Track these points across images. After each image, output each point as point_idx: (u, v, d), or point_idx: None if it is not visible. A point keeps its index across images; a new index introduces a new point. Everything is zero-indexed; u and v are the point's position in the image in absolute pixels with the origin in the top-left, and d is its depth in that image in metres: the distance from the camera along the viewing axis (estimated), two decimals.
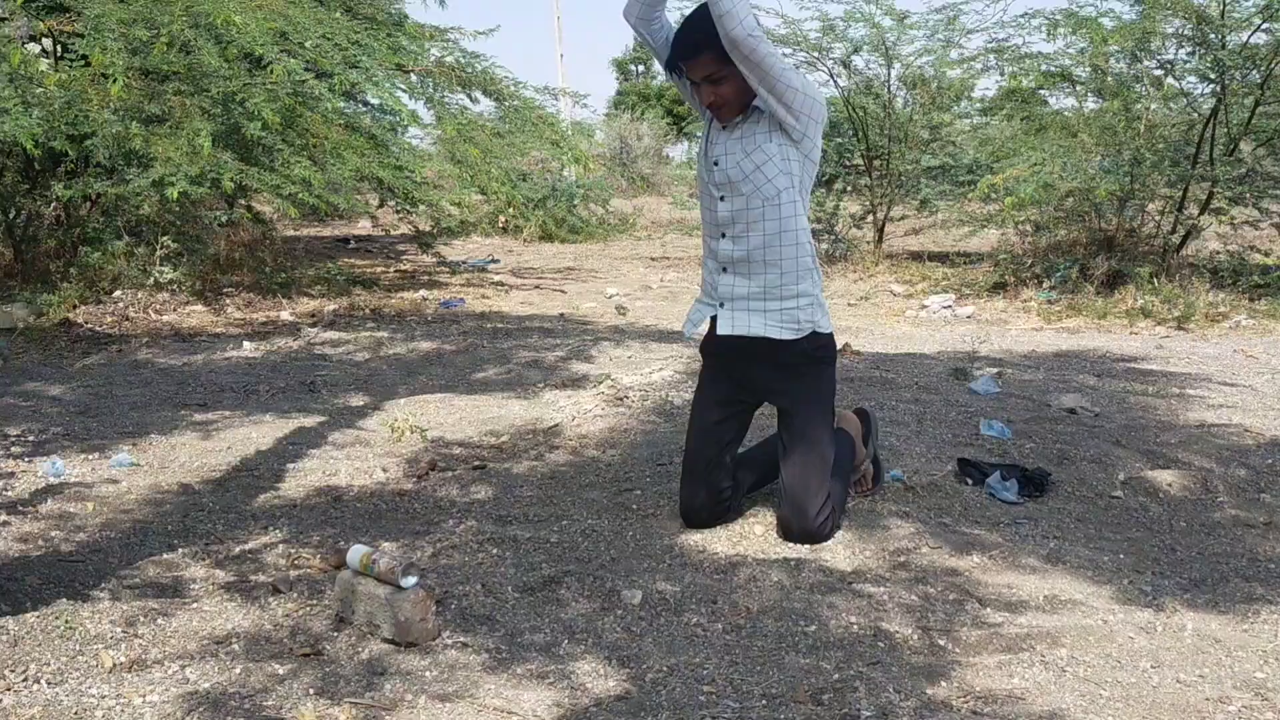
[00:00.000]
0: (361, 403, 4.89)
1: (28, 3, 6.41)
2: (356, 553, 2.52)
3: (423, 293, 8.93)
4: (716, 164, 3.01)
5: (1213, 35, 8.23)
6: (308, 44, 6.48)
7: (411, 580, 2.43)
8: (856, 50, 11.08)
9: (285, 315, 7.51)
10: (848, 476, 3.25)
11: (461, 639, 2.44)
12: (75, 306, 6.98)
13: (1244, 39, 8.20)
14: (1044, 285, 8.53)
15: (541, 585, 2.77)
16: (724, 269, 3.07)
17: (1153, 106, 8.91)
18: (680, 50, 2.93)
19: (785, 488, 3.06)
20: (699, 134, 3.04)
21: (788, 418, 3.10)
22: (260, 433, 4.34)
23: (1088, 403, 4.57)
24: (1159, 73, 8.96)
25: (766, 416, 3.52)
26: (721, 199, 3.02)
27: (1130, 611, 2.62)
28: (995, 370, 5.28)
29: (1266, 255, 8.98)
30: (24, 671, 2.26)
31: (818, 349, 3.07)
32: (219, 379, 5.42)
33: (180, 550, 3.04)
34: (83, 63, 6.49)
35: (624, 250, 13.26)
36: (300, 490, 3.60)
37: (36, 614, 2.55)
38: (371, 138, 7.57)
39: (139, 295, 7.35)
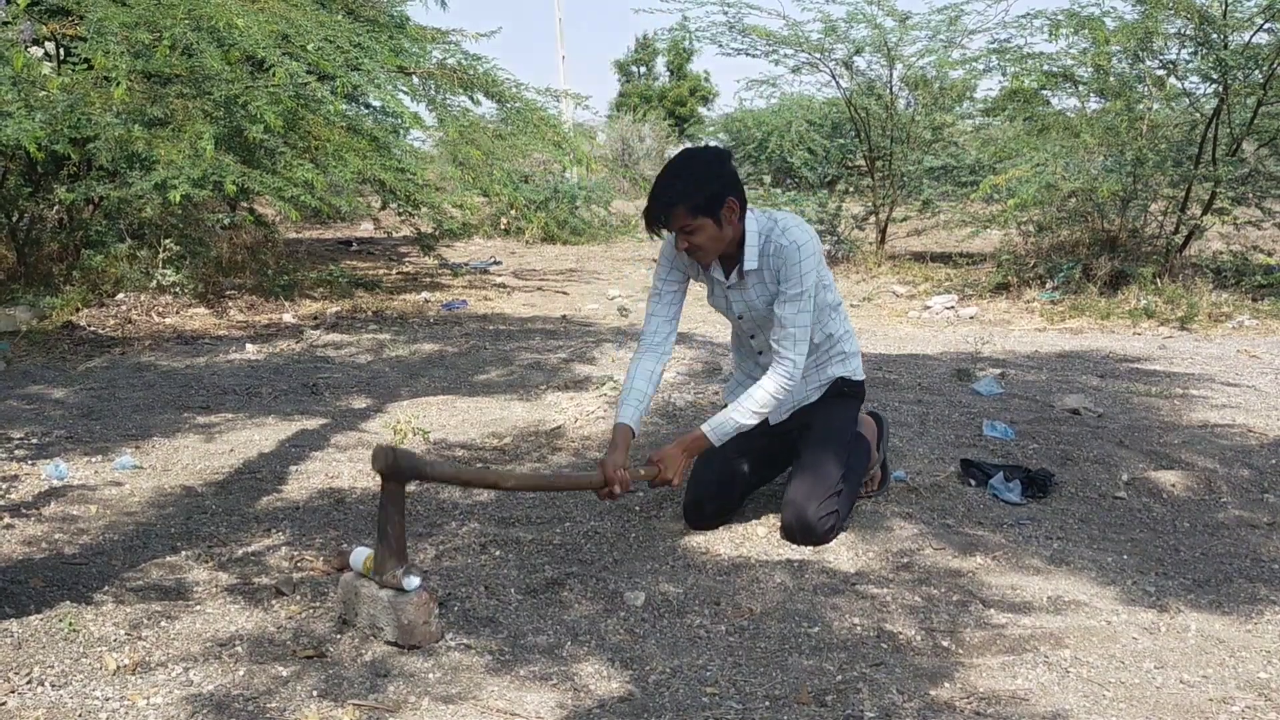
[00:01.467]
0: (364, 405, 4.89)
1: (31, 6, 6.42)
2: (359, 555, 2.52)
3: (425, 295, 8.94)
4: (741, 318, 3.16)
5: (1215, 35, 8.23)
6: (310, 46, 6.49)
7: (414, 582, 2.43)
8: (859, 51, 11.09)
9: (287, 317, 7.52)
10: (859, 481, 3.26)
11: (464, 641, 2.44)
12: (78, 309, 6.98)
13: (1246, 39, 8.19)
14: (1047, 286, 8.53)
15: (544, 587, 2.77)
16: (765, 369, 3.21)
17: (1155, 106, 8.91)
18: (654, 211, 2.93)
19: (793, 489, 3.07)
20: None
21: (808, 430, 3.20)
22: (263, 435, 4.34)
23: (1091, 403, 4.57)
24: (1161, 73, 8.95)
25: None
26: (753, 336, 3.21)
27: (1134, 612, 2.62)
28: (998, 371, 5.28)
29: (1269, 255, 8.98)
30: (28, 674, 2.26)
31: (846, 386, 3.25)
32: (221, 381, 5.42)
33: (183, 553, 3.04)
34: (85, 66, 6.50)
35: (626, 252, 13.26)
36: (303, 492, 3.61)
37: (40, 616, 2.55)
38: (373, 140, 7.57)
39: (141, 298, 7.35)
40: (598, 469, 2.97)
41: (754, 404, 3.01)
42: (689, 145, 3.10)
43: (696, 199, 2.87)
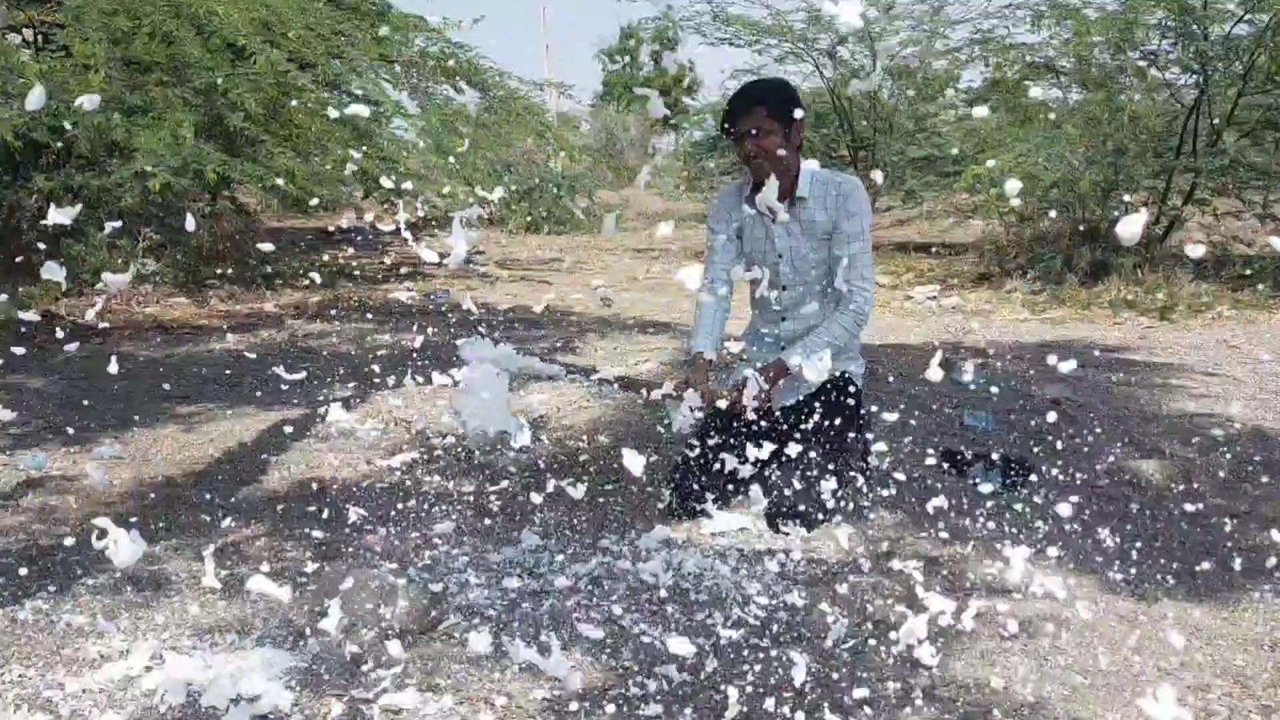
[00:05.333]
0: (346, 395, 4.87)
1: None
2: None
3: (408, 284, 8.91)
4: (781, 257, 3.29)
5: (1195, 26, 8.26)
6: (291, 34, 6.44)
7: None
8: (842, 41, 11.10)
9: (269, 307, 7.48)
10: (845, 472, 3.27)
11: (446, 631, 2.44)
12: (57, 299, 6.93)
13: (1226, 30, 8.23)
14: (1028, 276, 8.55)
15: (527, 576, 2.77)
16: (782, 347, 3.34)
17: (1136, 97, 8.94)
18: (735, 106, 3.19)
19: (781, 475, 3.07)
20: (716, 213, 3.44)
21: (804, 427, 3.21)
22: (244, 425, 4.32)
23: (1071, 393, 4.59)
24: (1142, 64, 8.98)
25: None
26: (784, 288, 3.31)
27: (1112, 601, 2.63)
28: (979, 361, 5.30)
29: (1249, 246, 9.03)
30: (4, 664, 2.25)
31: (846, 388, 3.33)
32: (202, 371, 5.39)
33: (162, 543, 3.02)
34: (64, 53, 6.44)
35: (610, 242, 13.25)
36: (284, 483, 3.59)
37: (17, 606, 2.53)
38: (355, 129, 7.52)
39: (121, 287, 7.30)
40: (683, 383, 3.18)
41: (830, 336, 3.18)
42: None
43: (778, 105, 3.14)
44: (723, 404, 3.17)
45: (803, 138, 3.26)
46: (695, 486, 3.18)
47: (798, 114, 3.16)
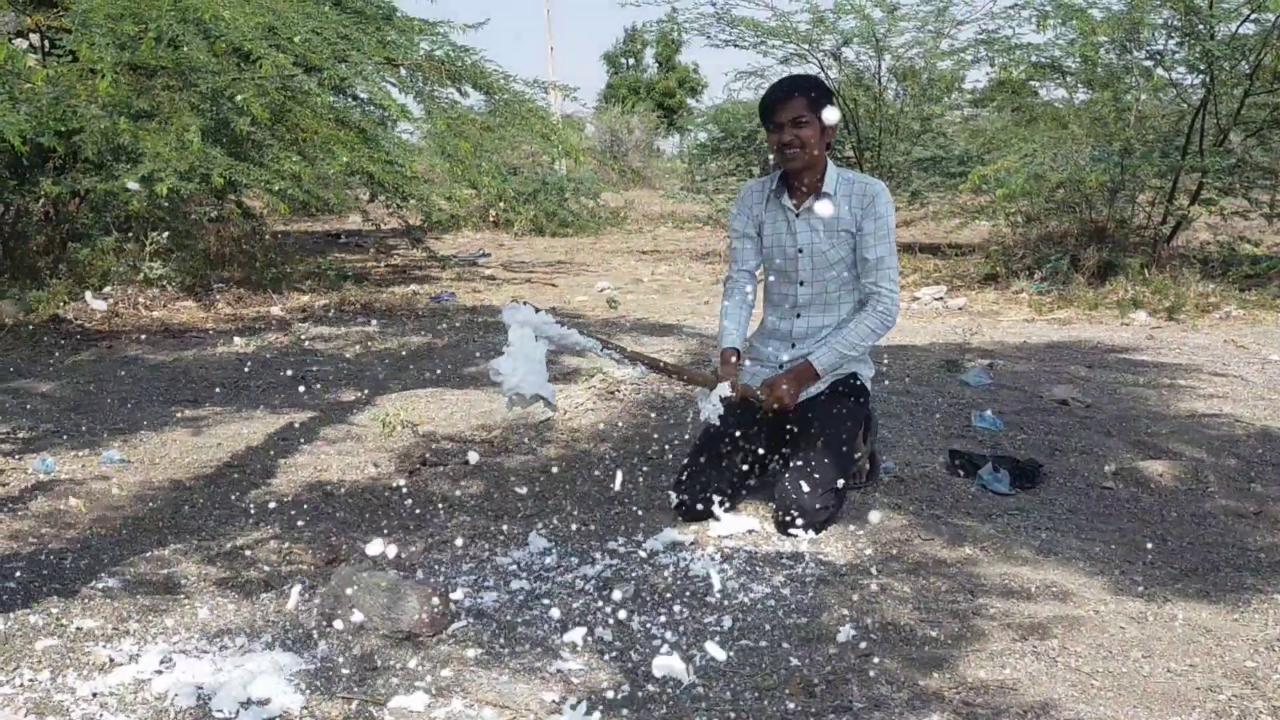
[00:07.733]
0: (352, 398, 4.88)
1: None
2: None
3: (413, 287, 8.91)
4: (801, 251, 3.30)
5: (1201, 26, 8.25)
6: (296, 38, 6.45)
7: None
8: (847, 42, 11.09)
9: (276, 311, 7.49)
10: (849, 470, 3.27)
11: (455, 634, 2.44)
12: (65, 303, 6.95)
13: (1233, 29, 8.21)
14: (1035, 276, 8.54)
15: (534, 579, 2.77)
16: (793, 345, 3.35)
17: (1142, 97, 8.93)
18: (776, 94, 3.22)
19: (792, 482, 3.07)
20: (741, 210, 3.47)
21: (811, 424, 3.21)
22: (251, 428, 4.33)
23: (1079, 394, 4.58)
24: (1148, 63, 8.97)
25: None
26: (801, 284, 3.32)
27: (1121, 601, 2.63)
28: (987, 362, 5.29)
29: (1256, 245, 9.02)
30: (15, 669, 2.25)
31: (854, 386, 3.34)
32: (209, 375, 5.40)
33: (171, 546, 3.03)
34: (70, 58, 6.46)
35: (615, 244, 13.25)
36: (291, 486, 3.59)
37: (27, 611, 2.54)
38: (361, 132, 7.53)
39: (129, 291, 7.32)
40: (712, 374, 3.21)
41: (856, 337, 3.22)
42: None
43: (818, 99, 3.19)
44: (758, 397, 3.18)
45: (834, 136, 3.30)
46: (703, 488, 3.17)
47: (833, 117, 3.20)
